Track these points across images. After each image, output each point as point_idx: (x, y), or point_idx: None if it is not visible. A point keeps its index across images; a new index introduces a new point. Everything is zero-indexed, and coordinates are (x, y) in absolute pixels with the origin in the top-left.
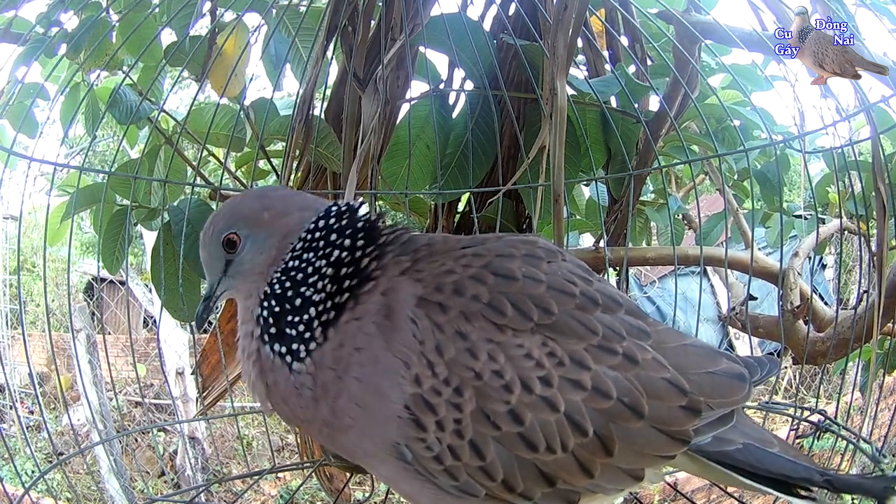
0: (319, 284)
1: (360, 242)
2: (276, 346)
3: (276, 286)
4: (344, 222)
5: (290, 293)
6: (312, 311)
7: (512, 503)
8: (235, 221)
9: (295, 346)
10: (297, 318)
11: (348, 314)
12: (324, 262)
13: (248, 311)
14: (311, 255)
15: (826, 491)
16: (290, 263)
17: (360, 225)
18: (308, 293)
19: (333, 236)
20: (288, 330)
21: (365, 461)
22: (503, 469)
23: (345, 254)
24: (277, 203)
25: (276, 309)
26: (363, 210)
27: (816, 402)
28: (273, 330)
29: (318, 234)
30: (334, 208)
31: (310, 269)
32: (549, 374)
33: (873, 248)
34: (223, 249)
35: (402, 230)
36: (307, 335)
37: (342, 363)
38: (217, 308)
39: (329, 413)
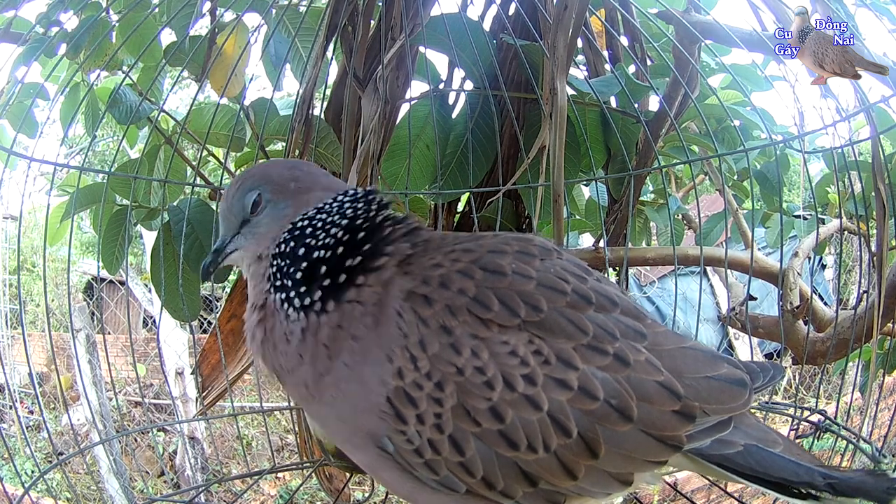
0: (328, 240)
1: (381, 218)
2: (282, 294)
3: (284, 244)
4: (369, 198)
5: (293, 244)
6: (317, 265)
7: (493, 501)
8: (263, 184)
9: (292, 294)
10: (298, 266)
11: (354, 292)
12: (338, 218)
13: (259, 274)
14: (325, 216)
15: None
16: (300, 223)
17: (380, 203)
18: (313, 243)
19: (360, 204)
20: (292, 275)
21: (344, 447)
22: (483, 466)
23: (363, 221)
24: (305, 178)
25: (285, 261)
26: (380, 195)
27: (816, 402)
28: (279, 280)
29: (335, 206)
30: (352, 190)
31: (319, 226)
32: (534, 372)
33: (873, 248)
34: (244, 207)
35: (413, 220)
36: (304, 287)
37: (336, 344)
38: (223, 262)
39: (312, 378)
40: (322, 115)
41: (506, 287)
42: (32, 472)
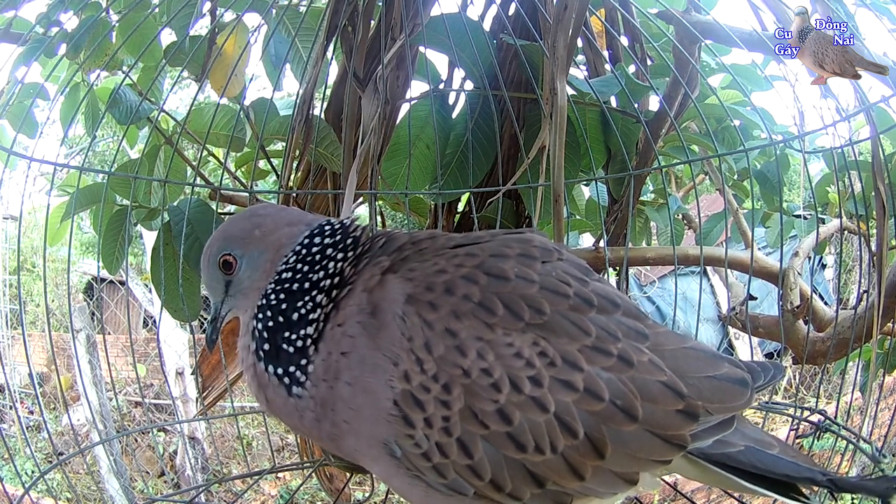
0: (318, 298)
1: (350, 254)
2: (272, 367)
3: (272, 296)
4: (338, 237)
5: (284, 305)
6: (310, 329)
7: (501, 503)
8: (229, 243)
9: (292, 369)
10: (293, 336)
11: (331, 322)
12: (322, 273)
13: (246, 325)
14: (307, 267)
15: (826, 492)
16: (284, 275)
17: (350, 239)
18: (304, 309)
19: (330, 250)
20: (284, 346)
21: (364, 461)
22: (491, 468)
23: (338, 265)
24: (268, 220)
25: (271, 323)
26: (355, 224)
27: (816, 402)
28: (267, 346)
29: (314, 249)
30: (328, 225)
31: (306, 284)
32: (540, 373)
33: (873, 248)
34: (221, 271)
35: (380, 235)
36: (303, 359)
37: (331, 371)
38: (222, 326)
39: (331, 426)
40: (322, 115)
41: (509, 291)
42: (32, 472)
